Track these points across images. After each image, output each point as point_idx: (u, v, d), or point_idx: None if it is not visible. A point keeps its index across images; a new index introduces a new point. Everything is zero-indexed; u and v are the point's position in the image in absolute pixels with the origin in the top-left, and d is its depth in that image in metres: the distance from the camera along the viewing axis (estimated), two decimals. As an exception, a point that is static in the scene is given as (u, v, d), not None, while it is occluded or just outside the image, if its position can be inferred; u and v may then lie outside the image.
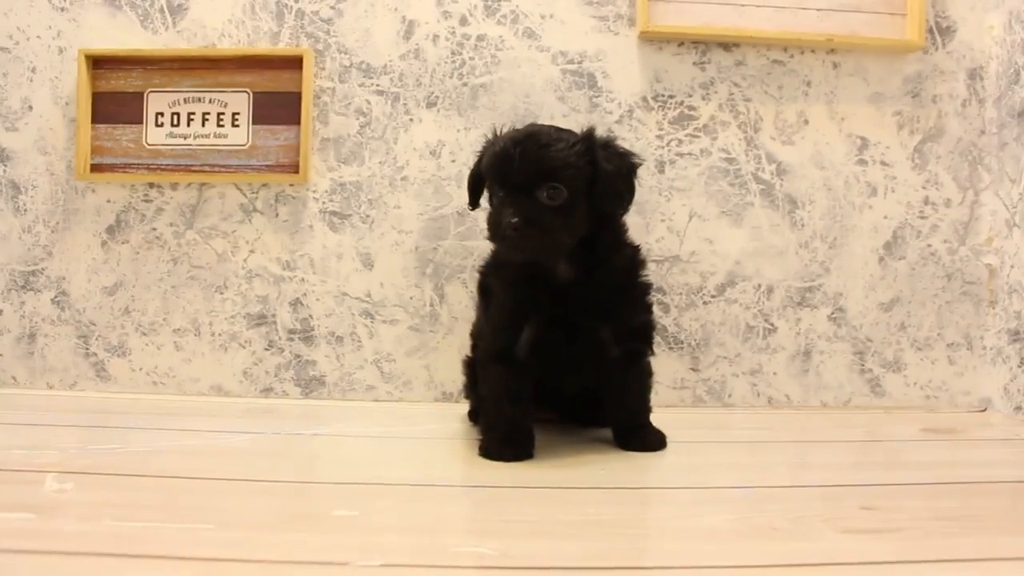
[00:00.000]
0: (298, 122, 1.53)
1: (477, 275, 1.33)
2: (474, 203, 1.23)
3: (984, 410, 1.57)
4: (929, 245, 1.58)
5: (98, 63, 1.55)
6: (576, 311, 1.14)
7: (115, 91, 1.55)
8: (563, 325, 1.14)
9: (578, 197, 1.10)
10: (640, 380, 1.23)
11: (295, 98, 1.53)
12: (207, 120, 1.55)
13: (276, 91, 1.55)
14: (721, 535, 0.81)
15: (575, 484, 1.00)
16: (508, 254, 1.15)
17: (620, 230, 1.22)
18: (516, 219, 1.05)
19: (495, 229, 1.09)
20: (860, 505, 0.91)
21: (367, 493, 0.95)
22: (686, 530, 0.84)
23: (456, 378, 1.51)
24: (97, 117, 1.55)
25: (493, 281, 1.23)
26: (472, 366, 1.33)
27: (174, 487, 0.96)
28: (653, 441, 1.21)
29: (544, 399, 1.23)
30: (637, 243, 1.25)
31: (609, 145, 1.16)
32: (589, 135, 1.13)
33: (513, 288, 1.17)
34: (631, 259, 1.22)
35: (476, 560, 0.73)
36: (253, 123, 1.55)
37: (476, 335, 1.35)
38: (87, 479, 0.97)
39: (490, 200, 1.16)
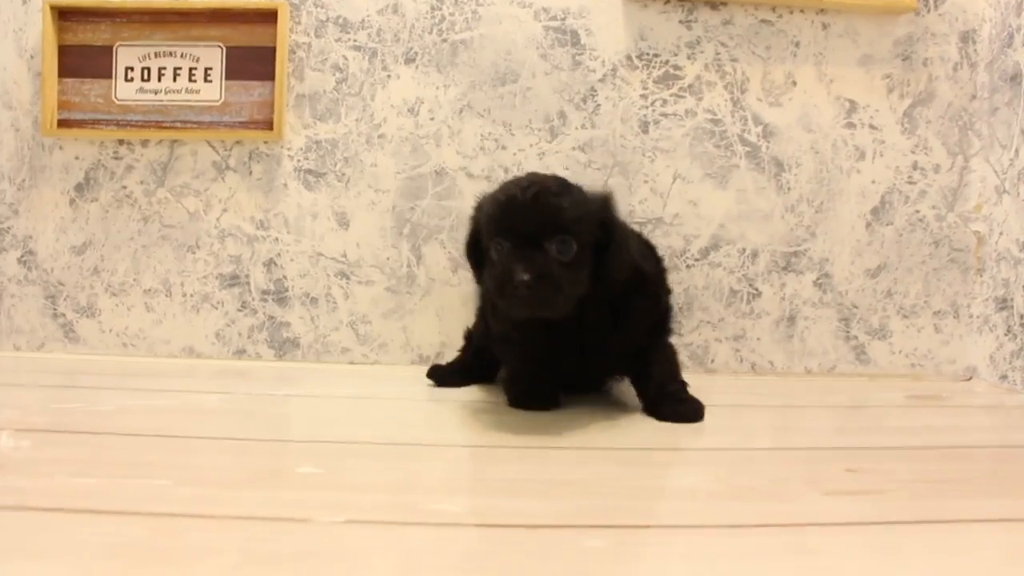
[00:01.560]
0: (273, 78, 1.48)
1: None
2: (481, 273, 1.11)
3: (970, 379, 1.55)
4: (917, 211, 1.55)
5: (64, 15, 1.50)
6: (584, 333, 1.10)
7: (83, 44, 1.50)
8: (573, 345, 1.11)
9: (586, 254, 1.02)
10: (662, 352, 1.18)
11: (269, 53, 1.49)
12: (178, 75, 1.51)
13: (250, 45, 1.50)
14: (699, 495, 0.78)
15: (554, 444, 0.97)
16: (516, 312, 1.03)
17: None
18: (527, 276, 0.96)
19: (503, 287, 0.99)
20: (844, 467, 0.89)
21: (336, 451, 0.92)
22: (663, 489, 0.81)
23: (433, 341, 1.49)
24: (64, 71, 1.50)
25: None
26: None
27: (136, 445, 0.93)
28: (688, 410, 1.12)
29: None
30: (641, 266, 1.14)
31: (622, 222, 1.11)
32: (608, 200, 1.07)
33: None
34: (635, 281, 1.13)
35: (442, 517, 0.70)
36: (226, 78, 1.50)
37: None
38: (45, 436, 0.94)
39: (486, 253, 1.06)
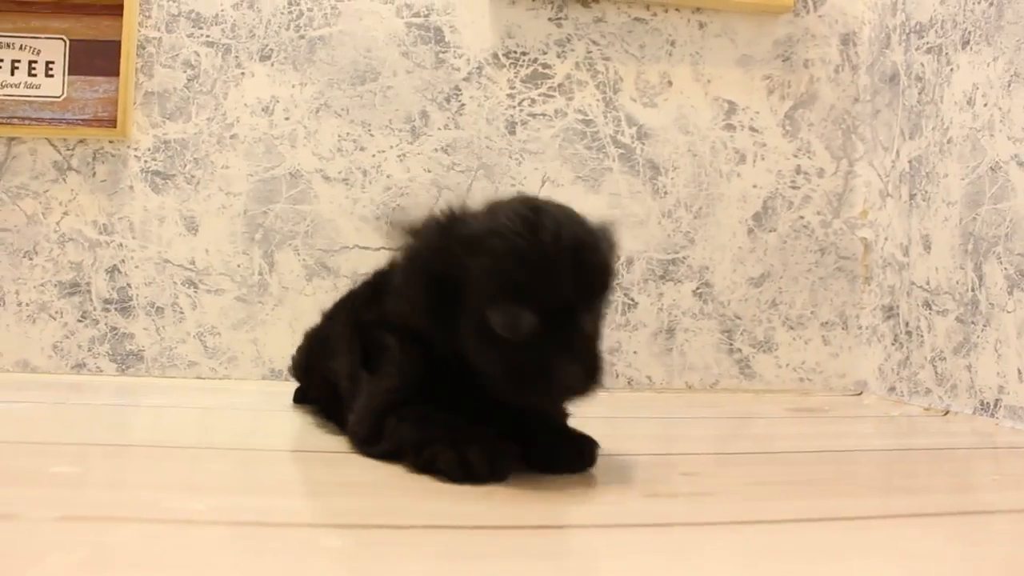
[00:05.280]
0: (119, 73, 1.40)
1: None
2: (433, 318, 0.76)
3: (860, 393, 1.49)
4: (801, 217, 1.49)
5: None
6: None
7: (-88, 34, 1.41)
8: None
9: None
10: None
11: (116, 47, 1.40)
12: (17, 68, 1.41)
13: (95, 39, 1.41)
14: (518, 498, 0.69)
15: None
16: (536, 404, 0.77)
17: None
18: (579, 369, 0.70)
19: (534, 382, 0.70)
20: (681, 472, 0.83)
21: (105, 453, 0.83)
22: (482, 492, 0.72)
23: (285, 354, 1.38)
24: None
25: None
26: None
27: None
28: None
29: None
30: None
31: None
32: (610, 233, 0.79)
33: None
34: None
35: (171, 514, 0.60)
36: (69, 73, 1.42)
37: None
38: None
39: (470, 311, 0.72)
